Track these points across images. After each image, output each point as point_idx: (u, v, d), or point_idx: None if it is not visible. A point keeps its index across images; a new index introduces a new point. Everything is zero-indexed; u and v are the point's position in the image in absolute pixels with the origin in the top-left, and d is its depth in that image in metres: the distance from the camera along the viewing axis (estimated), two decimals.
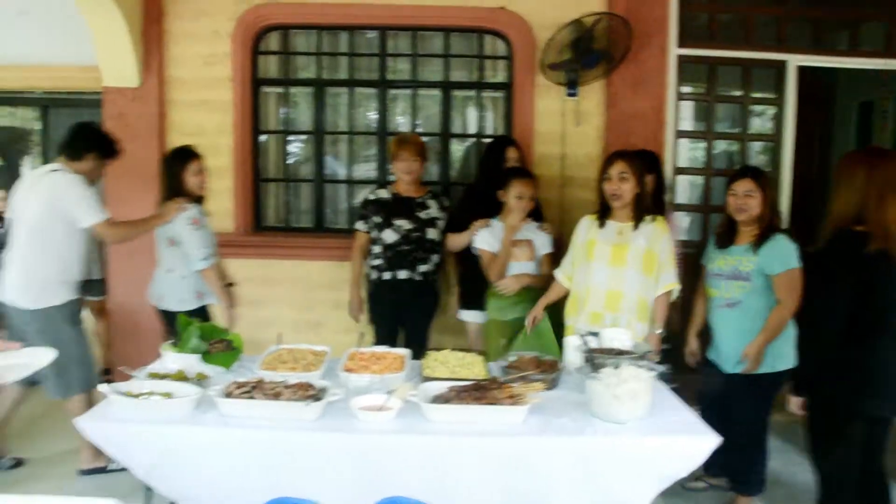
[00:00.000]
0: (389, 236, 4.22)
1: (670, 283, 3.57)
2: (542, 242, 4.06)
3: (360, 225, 4.34)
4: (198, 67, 4.97)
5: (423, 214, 4.26)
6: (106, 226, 3.86)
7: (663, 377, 3.70)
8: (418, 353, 3.33)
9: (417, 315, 4.32)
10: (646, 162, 4.04)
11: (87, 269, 5.59)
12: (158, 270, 4.07)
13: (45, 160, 9.99)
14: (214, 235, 4.12)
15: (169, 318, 3.88)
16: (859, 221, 2.82)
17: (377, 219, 4.25)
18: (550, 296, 3.78)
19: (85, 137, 3.96)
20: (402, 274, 4.22)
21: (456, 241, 4.20)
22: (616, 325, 3.47)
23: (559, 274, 3.76)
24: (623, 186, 3.50)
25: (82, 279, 5.58)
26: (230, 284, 4.26)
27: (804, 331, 3.18)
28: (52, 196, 3.77)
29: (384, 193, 4.32)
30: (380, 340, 4.12)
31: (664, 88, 4.90)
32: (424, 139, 5.13)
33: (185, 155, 4.07)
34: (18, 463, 4.09)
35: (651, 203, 4.00)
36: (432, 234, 4.26)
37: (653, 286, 3.55)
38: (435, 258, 4.30)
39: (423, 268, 4.25)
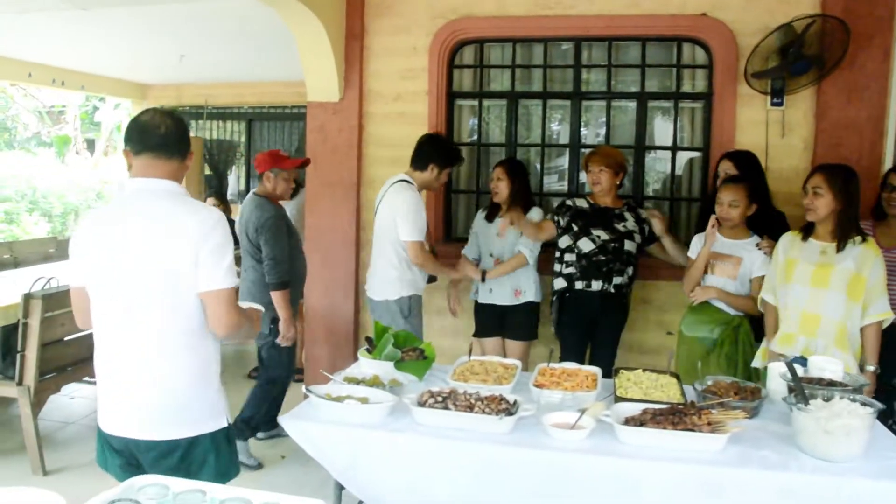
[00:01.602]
0: (586, 245, 4.16)
1: (883, 311, 3.28)
2: (757, 263, 3.75)
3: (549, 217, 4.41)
4: (395, 81, 5.14)
5: (620, 226, 4.18)
6: (416, 246, 4.21)
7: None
8: (606, 369, 3.26)
9: (606, 329, 4.23)
10: None
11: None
12: None
13: (249, 170, 10.82)
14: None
15: None
16: None
17: (574, 226, 4.22)
18: (772, 323, 3.55)
19: (426, 148, 4.38)
20: (596, 285, 4.15)
21: None
22: (809, 350, 3.26)
23: (768, 296, 3.55)
24: (816, 202, 3.31)
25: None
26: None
27: None
28: (391, 204, 4.25)
29: (582, 202, 4.29)
30: (567, 352, 4.09)
31: (885, 95, 4.46)
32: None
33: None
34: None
35: None
36: (629, 245, 4.16)
37: (858, 314, 3.29)
38: (630, 271, 4.20)
39: (617, 280, 4.16)
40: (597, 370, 3.13)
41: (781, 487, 2.33)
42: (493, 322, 4.49)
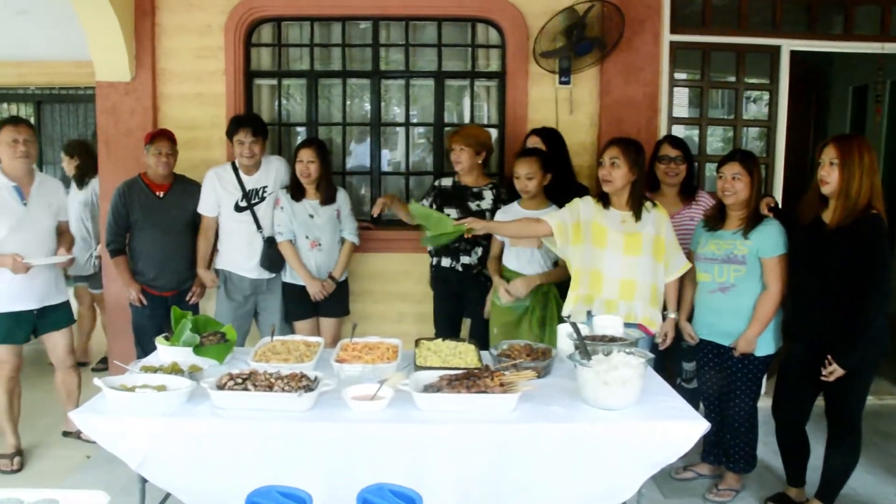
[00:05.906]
0: None
1: (683, 265, 3.67)
2: None
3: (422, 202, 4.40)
4: (190, 60, 4.94)
5: (474, 205, 4.25)
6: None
7: (687, 376, 3.78)
8: (482, 341, 3.46)
9: (474, 305, 4.32)
10: (682, 150, 4.16)
11: (90, 263, 5.69)
12: None
13: (41, 155, 10.01)
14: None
15: None
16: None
17: (433, 206, 4.28)
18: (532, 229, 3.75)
19: None
20: (446, 262, 4.32)
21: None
22: (631, 312, 3.54)
23: (552, 219, 3.61)
24: (614, 173, 3.54)
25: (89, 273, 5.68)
26: None
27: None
28: None
29: (447, 182, 4.38)
30: (439, 324, 4.37)
31: (657, 75, 4.88)
32: (419, 129, 5.12)
33: None
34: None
35: (682, 189, 4.21)
36: None
37: (662, 271, 3.61)
38: (479, 251, 4.28)
39: (465, 259, 4.27)
40: (398, 342, 3.20)
41: (568, 437, 2.52)
42: (307, 303, 4.42)
